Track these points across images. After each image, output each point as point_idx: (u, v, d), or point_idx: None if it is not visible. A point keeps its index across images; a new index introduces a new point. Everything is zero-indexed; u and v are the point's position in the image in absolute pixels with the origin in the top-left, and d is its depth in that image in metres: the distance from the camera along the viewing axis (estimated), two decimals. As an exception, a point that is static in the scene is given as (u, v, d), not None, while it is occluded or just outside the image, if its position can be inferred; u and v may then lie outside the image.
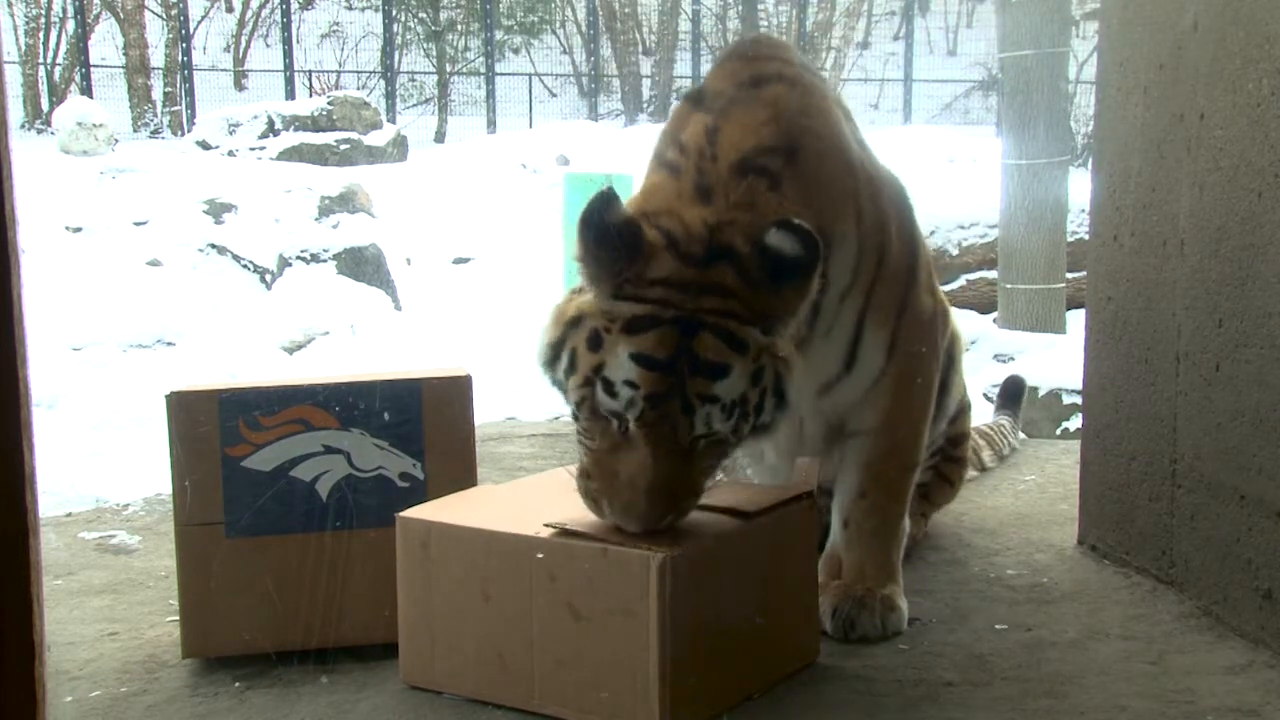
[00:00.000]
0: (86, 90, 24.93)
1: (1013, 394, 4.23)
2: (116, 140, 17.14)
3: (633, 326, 2.01)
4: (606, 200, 2.04)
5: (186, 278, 11.96)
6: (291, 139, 18.97)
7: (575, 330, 2.08)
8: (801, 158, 2.26)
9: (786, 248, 2.04)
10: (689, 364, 2.00)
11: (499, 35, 30.43)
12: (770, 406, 2.11)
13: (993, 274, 11.33)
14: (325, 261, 12.57)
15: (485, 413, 3.52)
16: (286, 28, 27.43)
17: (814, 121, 2.34)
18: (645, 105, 30.30)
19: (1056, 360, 8.00)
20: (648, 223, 2.09)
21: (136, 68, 25.99)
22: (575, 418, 2.12)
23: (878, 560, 2.58)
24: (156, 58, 26.63)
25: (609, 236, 2.03)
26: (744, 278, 2.06)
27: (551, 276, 11.88)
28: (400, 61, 29.32)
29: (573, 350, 2.07)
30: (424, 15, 30.34)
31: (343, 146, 19.16)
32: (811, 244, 2.05)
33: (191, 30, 27.63)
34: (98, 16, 27.12)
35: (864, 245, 2.39)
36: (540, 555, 2.10)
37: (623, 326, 2.02)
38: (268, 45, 30.27)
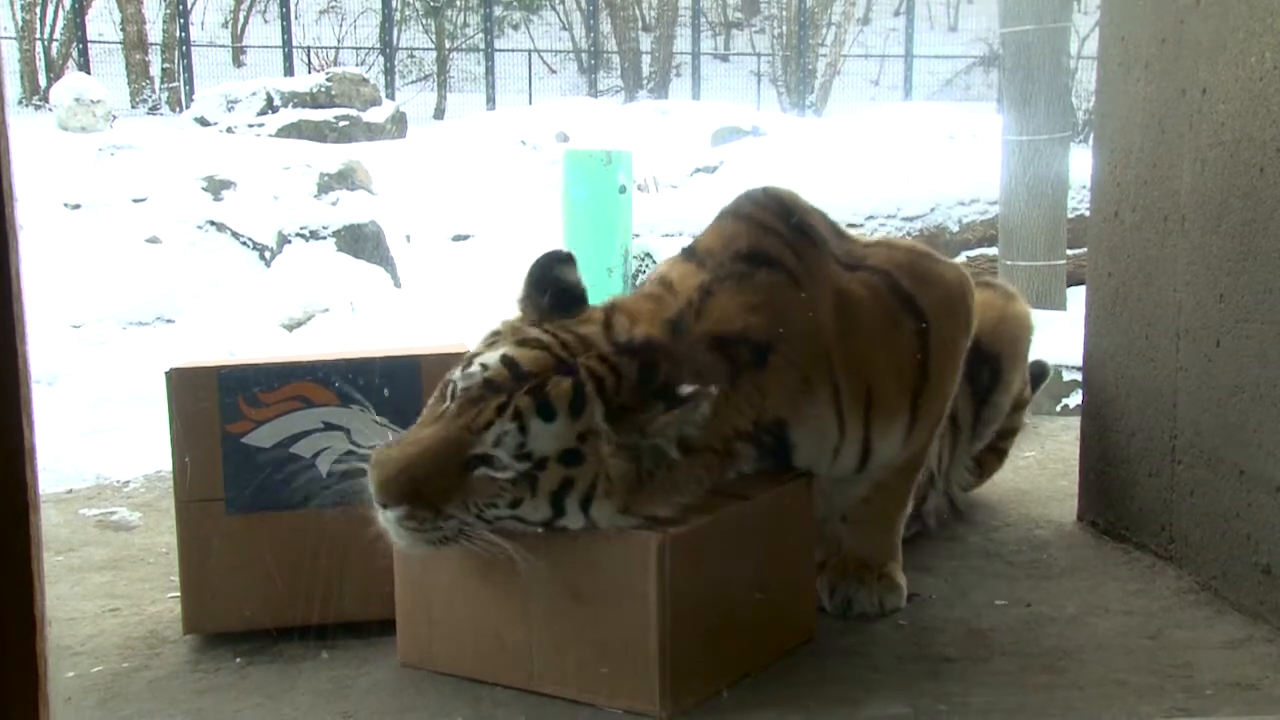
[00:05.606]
0: (84, 66, 24.86)
1: (1034, 377, 4.32)
2: (114, 116, 17.08)
3: (524, 342, 2.12)
4: (562, 258, 2.25)
5: (185, 255, 11.93)
6: (290, 115, 18.92)
7: (487, 338, 2.21)
8: (772, 361, 2.25)
9: (683, 396, 2.05)
10: (535, 389, 2.03)
11: (498, 11, 30.31)
12: (550, 506, 2.03)
13: (993, 250, 11.30)
14: (324, 239, 12.55)
15: (485, 390, 3.51)
16: (285, 3, 27.28)
17: (794, 322, 2.29)
18: (645, 81, 30.20)
19: (1057, 337, 7.97)
20: (607, 308, 2.23)
21: (134, 43, 25.88)
22: None
23: (878, 538, 2.59)
24: (154, 33, 26.52)
25: (550, 287, 2.20)
26: (640, 376, 2.08)
27: (551, 254, 11.84)
28: (399, 38, 29.22)
29: (474, 351, 2.16)
30: (423, -9, 30.22)
31: (342, 123, 19.11)
32: (701, 409, 2.04)
33: (189, 5, 27.50)
34: (95, -8, 26.99)
35: (844, 405, 2.35)
36: (539, 533, 2.10)
37: (517, 340, 2.14)
38: (266, 21, 30.17)
